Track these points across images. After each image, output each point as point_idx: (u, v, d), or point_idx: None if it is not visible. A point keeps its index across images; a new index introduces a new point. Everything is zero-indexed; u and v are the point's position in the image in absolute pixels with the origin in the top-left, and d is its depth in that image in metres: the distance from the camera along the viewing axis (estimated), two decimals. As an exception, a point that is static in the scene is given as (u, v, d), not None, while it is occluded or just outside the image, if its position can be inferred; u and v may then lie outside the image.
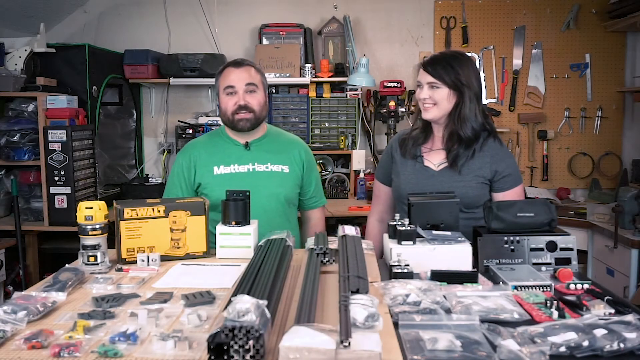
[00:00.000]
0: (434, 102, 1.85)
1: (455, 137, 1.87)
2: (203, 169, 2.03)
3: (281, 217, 2.04)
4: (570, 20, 3.75)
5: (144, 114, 4.04)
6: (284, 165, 2.06)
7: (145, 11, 3.96)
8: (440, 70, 1.84)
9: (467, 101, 1.84)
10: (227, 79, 2.00)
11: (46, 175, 2.99)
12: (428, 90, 1.86)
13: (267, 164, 2.04)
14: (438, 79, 1.84)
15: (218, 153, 2.05)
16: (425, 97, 1.86)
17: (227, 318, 0.90)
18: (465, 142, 1.86)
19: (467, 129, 1.85)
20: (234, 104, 1.99)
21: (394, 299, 1.20)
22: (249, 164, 2.03)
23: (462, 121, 1.85)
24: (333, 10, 3.86)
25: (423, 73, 1.88)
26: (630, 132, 3.81)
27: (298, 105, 3.81)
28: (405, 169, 1.95)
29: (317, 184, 2.21)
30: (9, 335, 1.06)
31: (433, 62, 1.87)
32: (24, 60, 3.11)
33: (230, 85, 1.99)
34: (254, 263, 1.31)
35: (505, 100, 3.87)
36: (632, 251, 2.79)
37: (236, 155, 2.04)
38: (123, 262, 1.57)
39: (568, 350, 1.01)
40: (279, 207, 2.04)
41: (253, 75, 2.01)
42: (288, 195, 2.06)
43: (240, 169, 2.02)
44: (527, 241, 1.53)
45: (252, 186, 1.88)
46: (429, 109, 1.87)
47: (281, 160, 2.06)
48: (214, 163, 2.02)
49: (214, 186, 2.00)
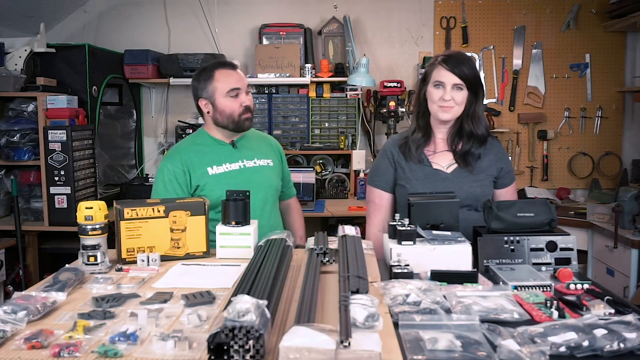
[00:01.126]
0: (455, 103, 1.82)
1: (466, 136, 1.87)
2: (197, 172, 2.03)
3: (275, 208, 2.16)
4: (570, 20, 3.76)
5: (144, 114, 4.04)
6: (268, 159, 2.15)
7: (145, 11, 3.96)
8: (467, 72, 1.80)
9: (480, 101, 1.86)
10: (230, 81, 2.02)
11: (46, 175, 2.99)
12: (452, 91, 1.81)
13: (254, 160, 2.11)
14: (465, 81, 1.81)
15: (208, 154, 2.06)
16: (448, 99, 1.81)
17: (227, 318, 0.90)
18: (480, 140, 1.88)
19: (482, 128, 1.87)
20: (239, 105, 2.02)
21: (394, 299, 1.20)
22: (239, 161, 2.08)
23: (477, 120, 1.86)
24: (333, 10, 3.86)
25: (447, 73, 1.81)
26: (630, 132, 3.81)
27: (298, 105, 3.81)
28: (415, 174, 1.89)
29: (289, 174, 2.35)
30: (9, 335, 1.06)
31: (457, 62, 1.81)
32: (24, 60, 3.11)
33: (236, 87, 2.02)
34: (254, 263, 1.31)
35: (505, 100, 3.88)
36: (632, 251, 2.79)
37: (225, 155, 2.07)
38: (123, 262, 1.57)
39: (568, 350, 1.01)
40: (274, 199, 2.15)
41: (244, 76, 2.11)
42: (277, 186, 2.18)
43: (232, 167, 2.06)
44: (527, 241, 1.53)
45: (247, 181, 1.99)
46: (449, 109, 1.83)
47: (264, 154, 2.15)
48: (206, 164, 2.03)
49: (212, 186, 2.01)
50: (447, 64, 1.81)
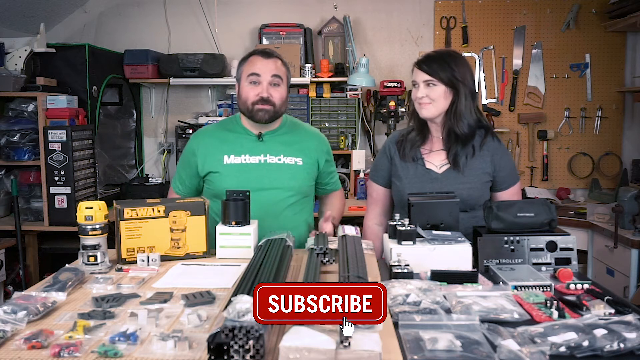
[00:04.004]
0: (430, 100, 1.84)
1: (453, 135, 1.87)
2: (213, 157, 1.98)
3: (291, 209, 2.00)
4: (570, 21, 3.75)
5: (144, 114, 4.04)
6: (297, 158, 2.00)
7: (145, 11, 3.96)
8: (436, 68, 1.83)
9: (462, 98, 1.83)
10: (254, 66, 1.93)
11: (46, 175, 2.99)
12: (424, 88, 1.85)
13: (280, 156, 1.98)
14: (434, 77, 1.83)
15: (229, 142, 2.00)
16: (421, 96, 1.85)
17: (227, 318, 0.90)
18: (462, 139, 1.86)
19: (463, 126, 1.84)
20: (256, 94, 1.91)
21: (394, 299, 1.20)
22: (261, 155, 1.97)
23: (458, 118, 1.84)
24: (333, 10, 3.86)
25: (418, 72, 1.87)
26: (630, 132, 3.81)
27: (298, 105, 3.81)
28: (406, 172, 1.92)
29: (331, 173, 2.19)
30: (9, 335, 1.06)
31: (428, 60, 1.86)
32: (24, 60, 3.11)
33: (256, 72, 1.91)
34: (254, 263, 1.31)
35: (505, 100, 3.87)
36: (632, 251, 2.79)
37: (248, 146, 1.98)
38: (123, 262, 1.57)
39: (568, 350, 1.01)
40: (289, 199, 1.99)
41: (279, 68, 1.95)
42: (301, 187, 2.01)
43: (251, 160, 1.96)
44: (527, 241, 1.53)
45: (262, 178, 1.89)
46: (425, 106, 1.85)
47: (295, 152, 2.00)
48: (224, 152, 1.97)
49: (223, 175, 1.95)
50: (419, 64, 1.88)
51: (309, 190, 2.07)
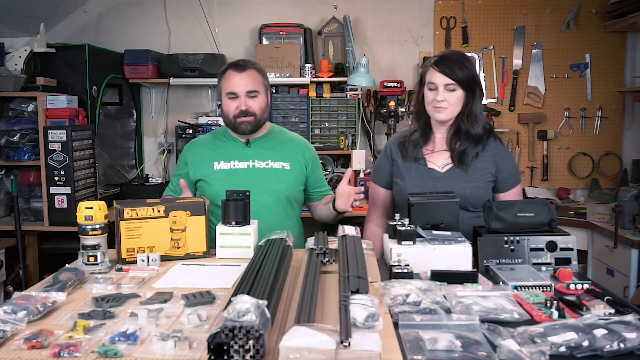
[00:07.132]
0: (448, 104, 1.82)
1: (463, 136, 1.87)
2: (204, 164, 2.07)
3: (280, 213, 2.05)
4: (570, 20, 3.75)
5: (144, 114, 4.04)
6: (284, 162, 2.08)
7: (145, 11, 3.96)
8: (458, 72, 1.80)
9: (477, 100, 1.85)
10: (229, 83, 2.01)
11: (46, 175, 2.99)
12: (444, 92, 1.82)
13: (268, 161, 2.07)
14: (456, 81, 1.81)
15: (220, 149, 2.09)
16: (441, 99, 1.82)
17: (227, 318, 0.90)
18: (476, 139, 1.87)
19: (478, 127, 1.86)
20: (235, 107, 2.00)
21: (394, 299, 1.20)
22: (249, 160, 2.06)
23: (474, 119, 1.85)
24: (333, 10, 3.86)
25: (437, 74, 1.82)
26: (630, 132, 3.81)
27: (298, 105, 3.80)
28: (409, 172, 1.92)
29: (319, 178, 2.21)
30: (9, 335, 1.06)
31: (448, 63, 1.82)
32: (24, 60, 3.10)
33: (232, 91, 2.00)
34: (254, 263, 1.31)
35: (505, 100, 3.87)
36: (632, 251, 2.79)
37: (236, 152, 2.07)
38: (123, 262, 1.57)
39: (568, 350, 1.01)
40: (278, 204, 2.05)
41: (255, 79, 2.02)
42: (289, 192, 2.07)
43: (239, 166, 2.05)
44: (527, 241, 1.53)
45: (250, 182, 1.95)
46: (443, 110, 1.83)
47: (282, 157, 2.08)
48: (214, 159, 2.07)
49: (213, 181, 2.04)
50: (439, 65, 1.82)
51: (297, 194, 2.13)
